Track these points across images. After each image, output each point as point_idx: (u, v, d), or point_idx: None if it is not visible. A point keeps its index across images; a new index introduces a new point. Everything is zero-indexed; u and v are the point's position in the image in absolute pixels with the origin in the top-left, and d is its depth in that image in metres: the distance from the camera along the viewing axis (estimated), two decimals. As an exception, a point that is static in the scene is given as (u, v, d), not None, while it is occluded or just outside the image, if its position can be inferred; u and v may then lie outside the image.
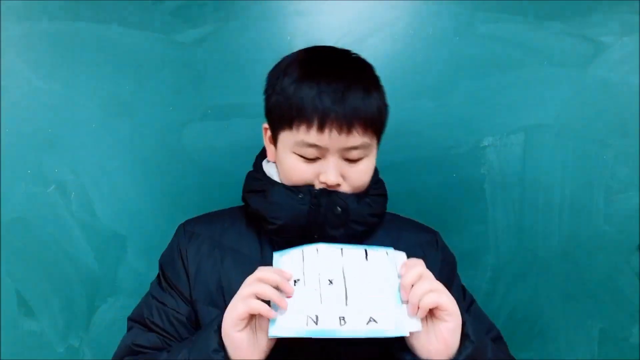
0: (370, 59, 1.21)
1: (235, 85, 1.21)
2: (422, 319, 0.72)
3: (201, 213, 0.98)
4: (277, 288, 0.72)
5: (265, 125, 0.89)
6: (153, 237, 1.20)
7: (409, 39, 1.23)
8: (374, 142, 0.85)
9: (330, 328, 0.69)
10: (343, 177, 0.82)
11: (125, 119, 1.19)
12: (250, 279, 0.73)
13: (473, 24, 1.23)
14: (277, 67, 0.86)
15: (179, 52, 1.20)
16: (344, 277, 0.74)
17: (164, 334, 0.84)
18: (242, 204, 0.92)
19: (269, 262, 0.82)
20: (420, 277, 0.72)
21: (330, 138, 0.78)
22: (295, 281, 0.74)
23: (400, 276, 0.75)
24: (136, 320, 0.88)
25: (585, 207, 1.27)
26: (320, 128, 0.78)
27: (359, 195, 0.84)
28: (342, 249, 0.78)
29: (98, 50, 1.18)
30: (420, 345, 0.73)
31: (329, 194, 0.81)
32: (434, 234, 0.96)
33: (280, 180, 0.87)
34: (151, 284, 0.93)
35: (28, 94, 1.16)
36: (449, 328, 0.71)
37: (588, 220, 1.27)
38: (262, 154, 0.94)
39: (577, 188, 1.26)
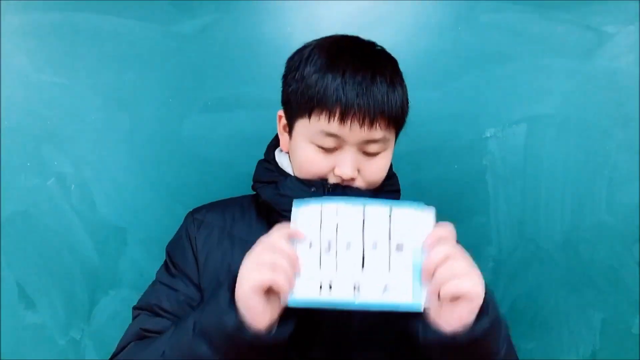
0: (372, 49, 1.21)
1: (236, 77, 1.20)
2: None
3: (201, 205, 0.96)
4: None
5: (280, 112, 0.87)
6: (153, 229, 1.20)
7: (410, 30, 1.22)
8: (393, 137, 0.83)
9: (344, 297, 0.68)
10: (358, 171, 0.80)
11: (125, 111, 1.19)
12: (267, 243, 0.68)
13: (474, 14, 1.22)
14: (299, 53, 0.83)
15: (179, 43, 1.19)
16: (363, 241, 0.70)
17: (174, 319, 0.82)
18: (250, 193, 0.91)
19: None
20: (446, 259, 0.67)
21: (351, 130, 0.76)
22: (310, 244, 0.70)
23: (423, 249, 0.69)
24: (143, 308, 0.86)
25: (587, 198, 1.26)
26: (342, 119, 0.76)
27: (373, 192, 0.82)
28: (364, 207, 0.71)
29: (97, 42, 1.17)
30: (432, 315, 0.69)
31: (343, 189, 0.79)
32: None
33: (293, 171, 0.85)
34: (157, 273, 0.91)
35: (27, 86, 1.16)
36: (468, 309, 0.67)
37: (590, 211, 1.27)
38: (274, 143, 0.92)
39: (579, 179, 1.26)
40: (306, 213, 0.71)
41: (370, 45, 0.85)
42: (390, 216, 0.71)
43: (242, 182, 0.95)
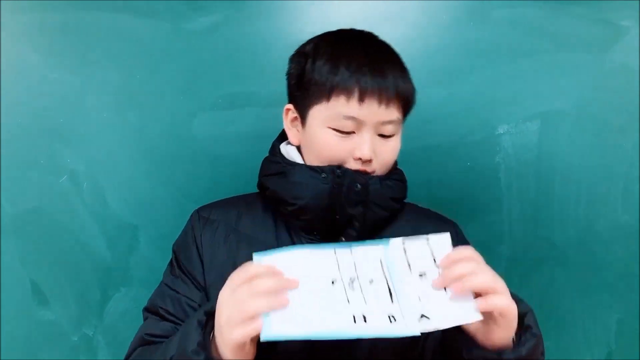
0: (383, 46, 1.20)
1: (246, 74, 1.20)
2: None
3: (206, 203, 0.96)
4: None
5: (288, 106, 0.88)
6: (165, 226, 1.20)
7: (422, 26, 1.21)
8: (402, 122, 0.85)
9: (339, 329, 0.65)
10: (374, 153, 0.81)
11: (136, 109, 1.19)
12: (244, 293, 0.63)
13: (487, 9, 1.21)
14: (302, 50, 0.86)
15: (189, 41, 1.19)
16: (358, 280, 0.68)
17: (177, 321, 0.84)
18: (256, 191, 0.92)
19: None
20: (470, 273, 0.67)
21: (369, 110, 0.78)
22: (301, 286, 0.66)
23: (439, 267, 0.69)
24: (150, 310, 0.88)
25: (603, 196, 1.24)
26: (361, 99, 0.78)
27: (382, 178, 0.83)
28: (351, 249, 0.71)
29: (108, 39, 1.18)
30: (471, 332, 0.70)
31: (352, 173, 0.80)
32: (452, 225, 0.94)
33: (304, 161, 0.86)
34: (164, 272, 0.92)
35: (39, 84, 1.17)
36: (500, 336, 0.68)
37: (605, 210, 1.25)
38: (279, 139, 0.93)
39: (594, 176, 1.24)
40: (287, 259, 0.68)
41: (373, 35, 0.87)
42: (405, 251, 0.71)
43: (253, 180, 0.95)
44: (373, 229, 0.84)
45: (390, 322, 0.65)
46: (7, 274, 1.18)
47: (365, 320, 0.64)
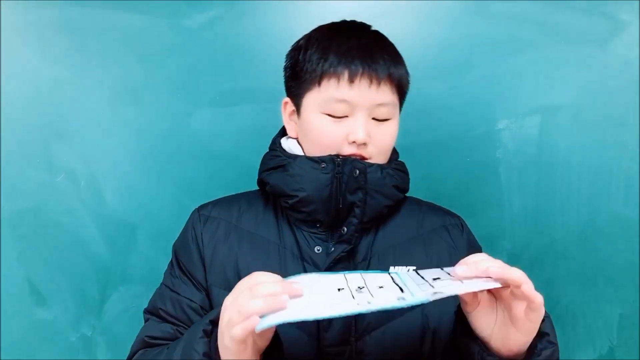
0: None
1: (244, 71, 1.20)
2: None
3: (210, 199, 0.95)
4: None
5: (286, 99, 0.89)
6: (163, 224, 1.19)
7: (421, 19, 1.21)
8: (398, 106, 0.85)
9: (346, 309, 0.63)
10: (369, 136, 0.81)
11: (133, 106, 1.18)
12: (245, 297, 0.62)
13: (486, 3, 1.20)
14: (296, 45, 0.87)
15: (186, 38, 1.19)
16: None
17: (178, 323, 0.83)
18: (257, 188, 0.91)
19: (287, 244, 0.82)
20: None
21: (360, 92, 0.79)
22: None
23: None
24: (151, 312, 0.87)
25: (603, 191, 1.24)
26: (351, 81, 0.78)
27: (382, 166, 0.82)
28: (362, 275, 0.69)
29: (105, 36, 1.17)
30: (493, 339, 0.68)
31: (352, 161, 0.80)
32: (458, 217, 0.94)
33: (304, 153, 0.85)
34: (164, 273, 0.91)
35: (35, 82, 1.16)
36: (519, 341, 0.66)
37: (607, 204, 1.24)
38: (279, 135, 0.93)
39: (595, 171, 1.23)
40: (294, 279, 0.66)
41: (366, 25, 0.88)
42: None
43: (250, 176, 0.94)
44: (375, 218, 0.84)
45: (398, 299, 0.61)
46: (4, 273, 1.17)
47: (369, 303, 0.61)
